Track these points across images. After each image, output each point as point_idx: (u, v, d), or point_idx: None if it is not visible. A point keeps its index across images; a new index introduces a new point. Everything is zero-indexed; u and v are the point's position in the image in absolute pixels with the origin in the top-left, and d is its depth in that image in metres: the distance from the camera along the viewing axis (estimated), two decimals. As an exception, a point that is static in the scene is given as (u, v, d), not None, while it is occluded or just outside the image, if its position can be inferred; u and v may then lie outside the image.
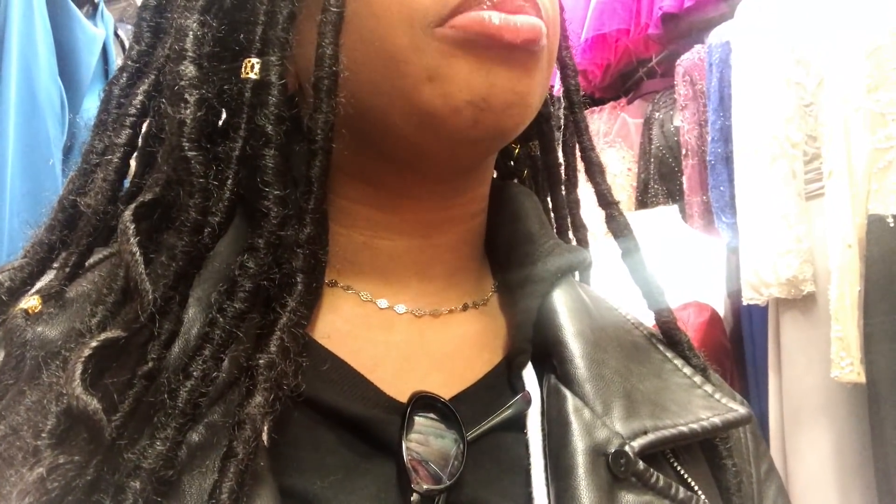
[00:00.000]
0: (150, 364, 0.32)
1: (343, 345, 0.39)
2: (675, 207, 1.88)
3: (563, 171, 0.51)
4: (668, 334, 0.45)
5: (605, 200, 0.47)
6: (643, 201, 2.09)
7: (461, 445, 0.36)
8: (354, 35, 0.36)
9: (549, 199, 0.52)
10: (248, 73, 0.36)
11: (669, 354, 0.44)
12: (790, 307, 1.49)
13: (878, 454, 1.27)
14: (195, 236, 0.35)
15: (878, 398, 1.26)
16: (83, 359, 0.31)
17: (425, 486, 0.34)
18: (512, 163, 0.53)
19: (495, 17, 0.35)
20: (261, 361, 0.32)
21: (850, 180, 1.35)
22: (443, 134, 0.36)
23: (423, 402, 0.37)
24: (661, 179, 2.04)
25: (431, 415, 0.37)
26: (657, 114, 2.13)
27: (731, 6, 1.82)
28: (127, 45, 1.61)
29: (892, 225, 1.31)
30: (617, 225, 0.47)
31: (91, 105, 1.27)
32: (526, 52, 0.36)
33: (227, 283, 0.35)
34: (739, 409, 0.41)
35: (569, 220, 0.52)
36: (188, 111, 0.36)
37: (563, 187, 0.51)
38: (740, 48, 1.63)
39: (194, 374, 0.32)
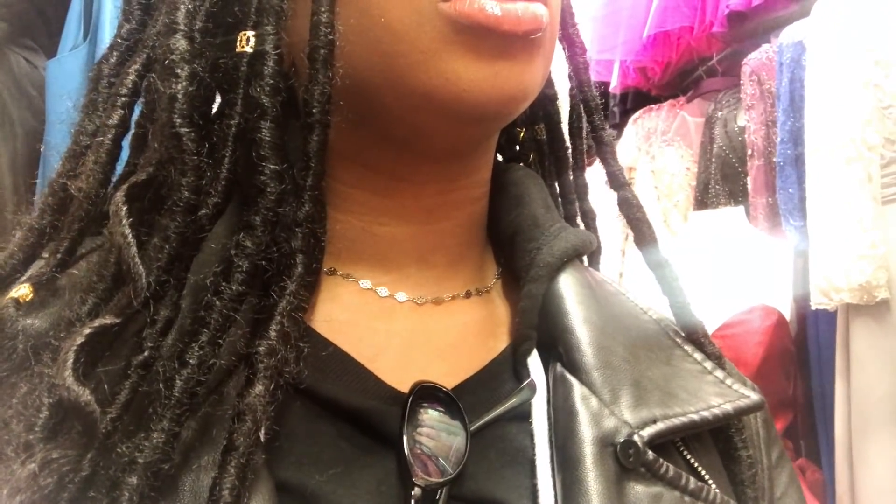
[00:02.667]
0: (146, 353, 0.31)
1: (343, 334, 0.38)
2: (739, 209, 1.86)
3: (570, 155, 0.50)
4: (678, 310, 0.44)
5: (617, 182, 0.46)
6: (703, 201, 2.07)
7: (464, 436, 0.36)
8: (352, 5, 0.35)
9: (556, 184, 0.50)
10: (243, 47, 0.35)
11: (679, 340, 0.43)
12: (862, 313, 1.47)
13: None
14: (188, 216, 0.34)
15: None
16: (75, 347, 0.30)
17: (427, 480, 0.34)
18: (518, 147, 0.52)
19: (496, 7, 0.34)
20: (260, 348, 0.31)
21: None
22: (439, 117, 0.35)
23: (425, 392, 0.36)
24: (724, 180, 2.01)
25: (438, 406, 0.36)
26: (719, 113, 2.11)
27: (802, 6, 1.79)
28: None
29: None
30: (629, 206, 0.46)
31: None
32: (527, 41, 0.35)
33: (223, 264, 0.33)
34: (752, 395, 0.40)
35: (577, 205, 0.51)
36: (179, 86, 0.35)
37: (570, 171, 0.50)
38: (815, 48, 1.60)
39: (190, 361, 0.31)
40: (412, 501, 0.33)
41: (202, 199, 0.34)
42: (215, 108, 0.39)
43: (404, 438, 0.34)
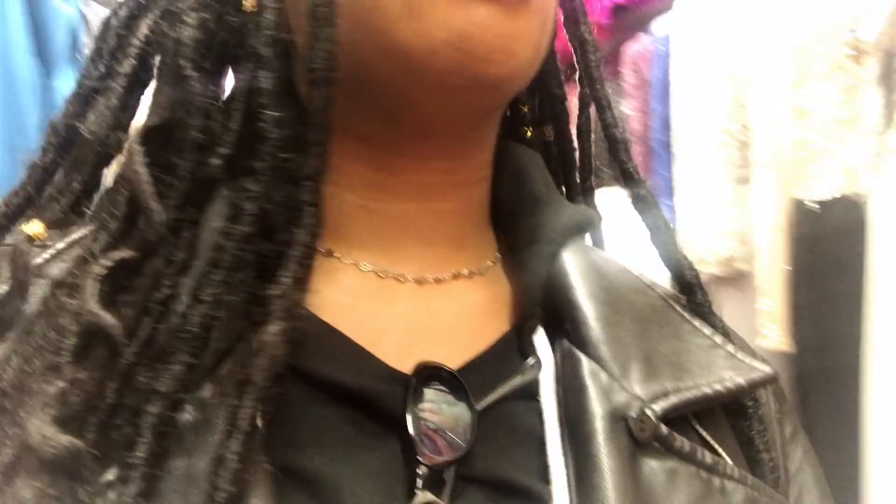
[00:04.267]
0: (164, 290, 0.32)
1: (343, 318, 0.37)
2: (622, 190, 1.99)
3: (577, 158, 0.49)
4: (689, 290, 0.43)
5: (632, 179, 0.45)
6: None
7: (470, 415, 0.35)
8: None
9: (563, 186, 0.49)
10: (251, 6, 0.36)
11: (688, 315, 0.42)
12: (726, 284, 1.62)
13: (803, 416, 1.42)
14: (199, 156, 0.35)
15: (802, 365, 1.41)
16: (98, 277, 0.31)
17: (434, 459, 0.33)
18: (525, 147, 0.50)
19: None
20: (273, 291, 0.32)
21: (776, 169, 1.47)
22: (420, 78, 0.34)
23: (429, 372, 0.35)
24: (608, 163, 2.15)
25: (442, 387, 0.35)
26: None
27: (676, -1, 1.93)
28: (91, 23, 1.63)
29: (813, 210, 1.44)
30: (644, 204, 0.45)
31: (62, 86, 1.30)
32: None
33: (232, 208, 0.34)
34: (764, 367, 0.40)
35: None
36: (187, 32, 0.36)
37: (577, 174, 0.49)
38: (679, 40, 1.74)
39: (205, 298, 0.32)
40: (419, 481, 0.33)
41: (213, 146, 0.35)
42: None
43: (408, 418, 0.33)
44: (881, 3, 1.39)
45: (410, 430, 0.33)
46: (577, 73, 0.47)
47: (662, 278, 0.45)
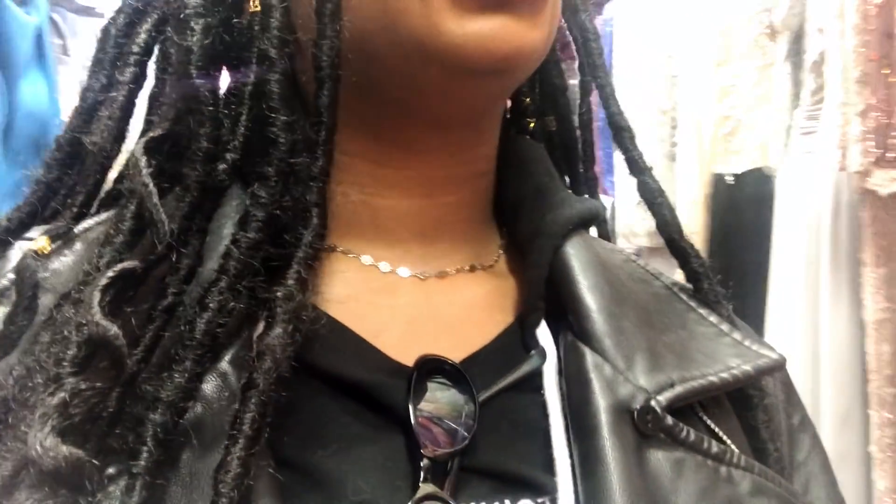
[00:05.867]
0: (170, 298, 0.32)
1: (345, 311, 0.37)
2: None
3: (580, 147, 0.49)
4: (695, 279, 0.43)
5: (637, 167, 0.45)
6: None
7: (472, 406, 0.35)
8: None
9: (566, 177, 0.48)
10: (256, 6, 0.36)
11: (693, 303, 0.42)
12: (656, 255, 1.72)
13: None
14: (208, 166, 0.34)
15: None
16: (101, 287, 0.30)
17: (437, 451, 0.33)
18: (528, 138, 0.50)
19: None
20: (278, 293, 0.32)
21: (699, 145, 1.56)
22: (433, 71, 0.34)
23: (432, 365, 0.35)
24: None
25: (445, 380, 0.36)
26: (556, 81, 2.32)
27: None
28: (63, 29, 1.76)
29: (730, 182, 1.53)
30: (650, 192, 0.45)
31: (27, 89, 1.43)
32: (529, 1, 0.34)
33: (240, 214, 0.34)
34: (771, 354, 0.39)
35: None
36: (195, 38, 0.35)
37: (581, 164, 0.49)
38: (621, 22, 1.82)
39: (211, 305, 0.31)
40: (422, 473, 0.33)
41: (221, 153, 0.35)
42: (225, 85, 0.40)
43: (411, 410, 0.33)
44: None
45: (413, 422, 0.33)
46: (578, 61, 0.47)
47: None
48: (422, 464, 0.33)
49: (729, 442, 0.38)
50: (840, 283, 1.31)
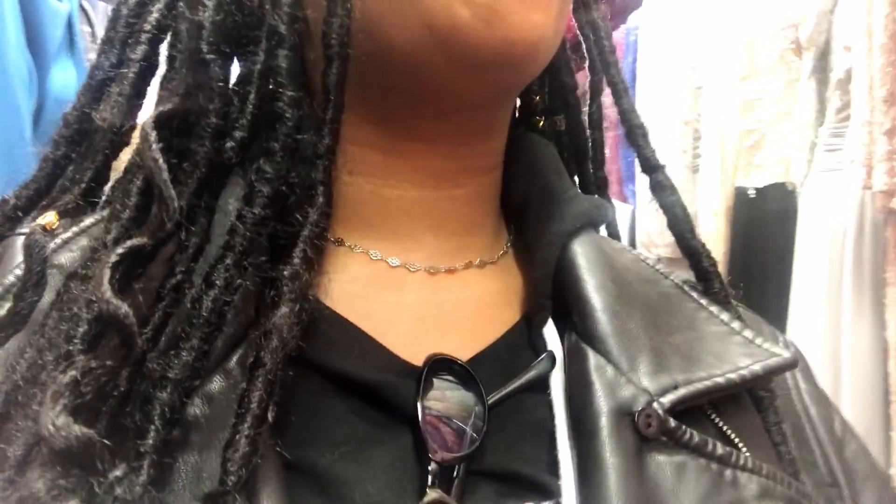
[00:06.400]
0: (178, 276, 0.32)
1: (352, 307, 0.37)
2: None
3: (589, 147, 0.48)
4: (706, 279, 0.43)
5: (650, 165, 0.45)
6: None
7: (482, 407, 0.35)
8: None
9: (575, 177, 0.48)
10: None
11: (704, 301, 0.41)
12: (676, 266, 1.71)
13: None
14: (216, 142, 0.34)
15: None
16: (111, 264, 0.30)
17: (444, 455, 0.33)
18: (538, 136, 0.50)
19: None
20: (284, 272, 0.32)
21: (721, 157, 1.56)
22: (441, 55, 0.34)
23: (440, 364, 0.35)
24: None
25: (453, 379, 0.35)
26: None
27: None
28: (92, 17, 1.77)
29: (752, 196, 1.53)
30: (663, 190, 0.44)
31: (58, 75, 1.44)
32: None
33: (246, 189, 0.34)
34: (783, 352, 0.39)
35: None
36: (206, 14, 0.35)
37: (590, 164, 0.48)
38: (646, 32, 1.82)
39: (217, 282, 0.31)
40: (429, 477, 0.32)
41: (229, 130, 0.35)
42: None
43: (419, 411, 0.33)
44: (816, 1, 1.46)
45: (421, 424, 0.33)
46: (589, 60, 0.46)
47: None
48: (430, 468, 0.32)
49: (739, 442, 0.37)
50: (863, 302, 1.30)
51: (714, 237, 1.54)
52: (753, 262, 1.50)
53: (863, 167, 1.33)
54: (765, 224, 1.50)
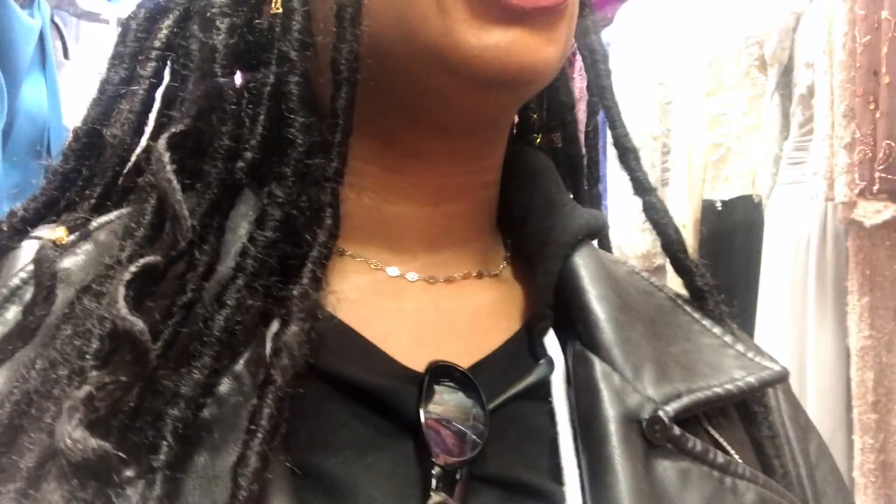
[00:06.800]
0: (189, 295, 0.32)
1: (353, 314, 0.37)
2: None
3: (585, 165, 0.49)
4: (700, 297, 0.44)
5: (642, 188, 0.46)
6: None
7: (481, 410, 0.35)
8: None
9: (570, 193, 0.49)
10: (277, 8, 0.36)
11: (697, 315, 0.42)
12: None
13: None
14: (229, 164, 0.35)
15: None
16: (125, 282, 0.30)
17: (447, 459, 0.33)
18: (535, 150, 0.50)
19: None
20: (294, 292, 0.32)
21: (689, 171, 1.60)
22: (448, 79, 0.35)
23: (441, 371, 0.36)
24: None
25: (454, 386, 0.36)
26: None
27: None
28: (63, 31, 1.77)
29: (719, 208, 1.57)
30: (655, 212, 0.45)
31: (29, 91, 1.44)
32: (551, 11, 0.34)
33: (257, 212, 0.35)
34: (774, 366, 0.40)
35: None
36: (220, 37, 0.36)
37: (585, 181, 0.49)
38: (616, 49, 1.86)
39: (228, 303, 0.32)
40: (433, 481, 0.33)
41: (240, 151, 0.35)
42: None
43: (422, 417, 0.34)
44: (779, 19, 1.50)
45: (424, 428, 0.34)
46: (587, 81, 0.48)
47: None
48: (433, 472, 0.33)
49: (733, 453, 0.38)
50: (826, 310, 1.34)
51: (683, 249, 1.57)
52: (721, 271, 1.53)
53: (825, 179, 1.37)
54: (732, 235, 1.54)
